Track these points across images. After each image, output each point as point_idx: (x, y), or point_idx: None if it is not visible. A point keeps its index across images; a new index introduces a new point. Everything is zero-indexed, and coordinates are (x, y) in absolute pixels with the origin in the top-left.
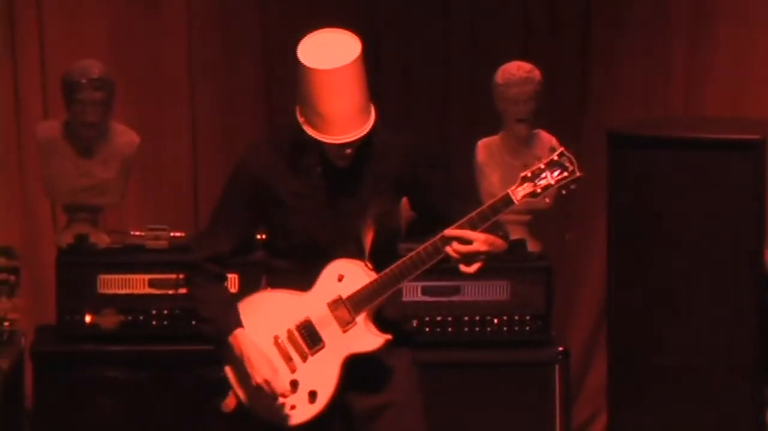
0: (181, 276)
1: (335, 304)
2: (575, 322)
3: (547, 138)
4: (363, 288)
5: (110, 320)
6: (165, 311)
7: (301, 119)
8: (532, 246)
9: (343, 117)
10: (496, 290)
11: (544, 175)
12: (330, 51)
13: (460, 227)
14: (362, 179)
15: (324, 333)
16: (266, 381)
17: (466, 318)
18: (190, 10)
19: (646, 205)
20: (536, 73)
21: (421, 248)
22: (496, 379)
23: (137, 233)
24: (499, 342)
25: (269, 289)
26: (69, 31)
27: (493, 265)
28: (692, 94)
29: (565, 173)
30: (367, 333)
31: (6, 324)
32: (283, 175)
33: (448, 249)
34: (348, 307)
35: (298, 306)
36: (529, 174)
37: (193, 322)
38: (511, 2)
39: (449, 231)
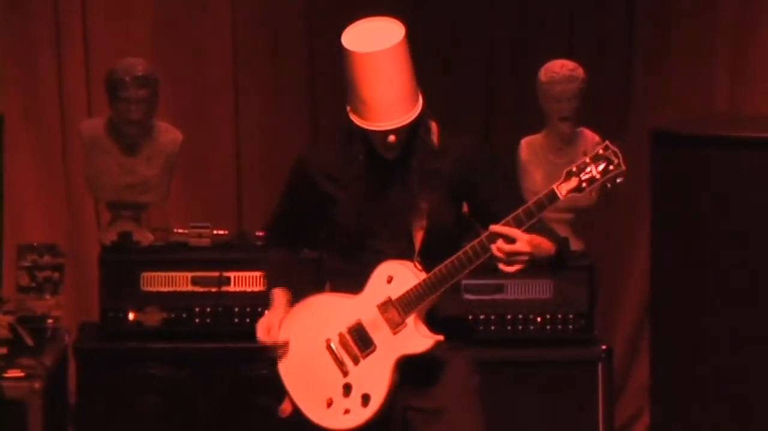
0: (223, 274)
1: (385, 306)
2: (619, 320)
3: (590, 136)
4: (412, 289)
5: (153, 317)
6: (208, 309)
7: (348, 107)
8: (575, 245)
9: (384, 103)
10: (540, 289)
11: (588, 169)
12: (372, 36)
13: (506, 224)
14: (410, 172)
15: (375, 336)
16: (259, 339)
17: (509, 317)
18: (234, 7)
19: (689, 203)
20: (580, 71)
21: (468, 246)
22: (539, 378)
23: (180, 230)
24: (542, 340)
25: (321, 293)
26: (113, 29)
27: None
28: (737, 93)
29: (611, 167)
30: (417, 334)
31: (50, 321)
32: (334, 166)
33: (493, 247)
34: (397, 308)
35: (349, 309)
36: (574, 169)
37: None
38: (557, 0)
39: (495, 227)
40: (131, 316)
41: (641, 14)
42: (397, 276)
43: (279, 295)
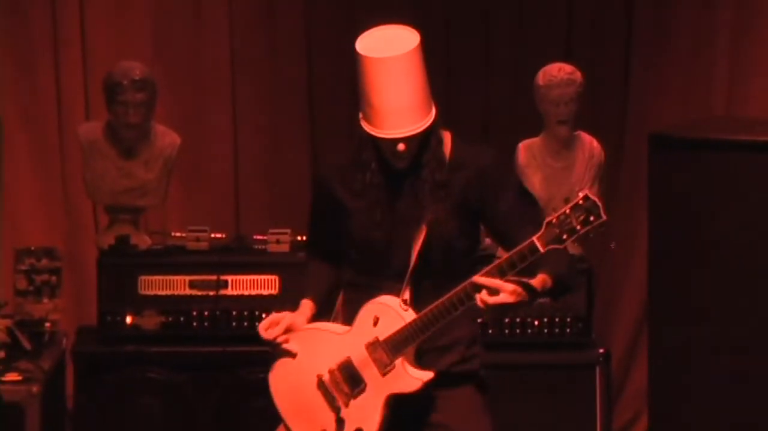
0: (221, 277)
1: (373, 346)
2: (617, 324)
3: (588, 140)
4: (398, 332)
5: (151, 321)
6: (206, 313)
7: (359, 114)
8: (572, 249)
9: (394, 110)
10: None
11: (569, 220)
12: (386, 42)
13: (489, 274)
14: (421, 184)
15: (365, 374)
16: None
17: (507, 320)
18: (232, 10)
19: (688, 207)
20: (578, 75)
21: (452, 292)
22: (537, 381)
23: (178, 234)
24: (540, 344)
25: (311, 327)
26: (111, 32)
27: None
28: (736, 95)
29: (591, 217)
30: (406, 374)
31: (48, 324)
32: (346, 176)
33: (477, 297)
34: (385, 350)
35: (338, 346)
36: (554, 220)
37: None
38: (554, 3)
39: (477, 279)
40: (129, 320)
41: (639, 16)
42: (383, 317)
43: (304, 304)
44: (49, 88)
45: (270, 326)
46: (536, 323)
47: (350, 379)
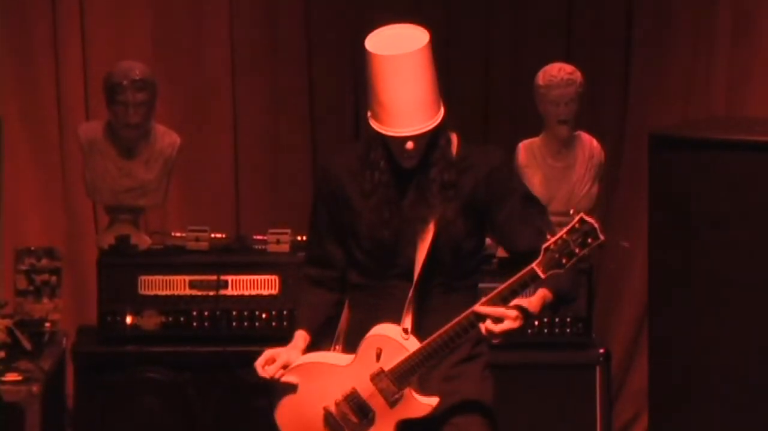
0: (221, 277)
1: (378, 377)
2: (617, 324)
3: (588, 140)
4: (402, 362)
5: (151, 321)
6: (206, 313)
7: (368, 113)
8: None
9: (403, 109)
10: None
11: (567, 244)
12: (395, 40)
13: (491, 302)
14: (429, 183)
15: (372, 403)
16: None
17: None
18: (233, 10)
19: (687, 207)
20: (578, 75)
21: (455, 321)
22: (537, 381)
23: (178, 234)
24: (540, 344)
25: (310, 360)
26: (111, 32)
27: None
28: (735, 95)
29: (589, 239)
30: (415, 400)
31: (48, 324)
32: (353, 175)
33: (482, 326)
34: (391, 380)
35: (341, 377)
36: (552, 245)
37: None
38: (554, 3)
39: (479, 309)
40: (129, 320)
41: (639, 16)
42: (385, 349)
43: (298, 336)
44: (49, 88)
45: (266, 363)
46: (536, 323)
47: (358, 410)
